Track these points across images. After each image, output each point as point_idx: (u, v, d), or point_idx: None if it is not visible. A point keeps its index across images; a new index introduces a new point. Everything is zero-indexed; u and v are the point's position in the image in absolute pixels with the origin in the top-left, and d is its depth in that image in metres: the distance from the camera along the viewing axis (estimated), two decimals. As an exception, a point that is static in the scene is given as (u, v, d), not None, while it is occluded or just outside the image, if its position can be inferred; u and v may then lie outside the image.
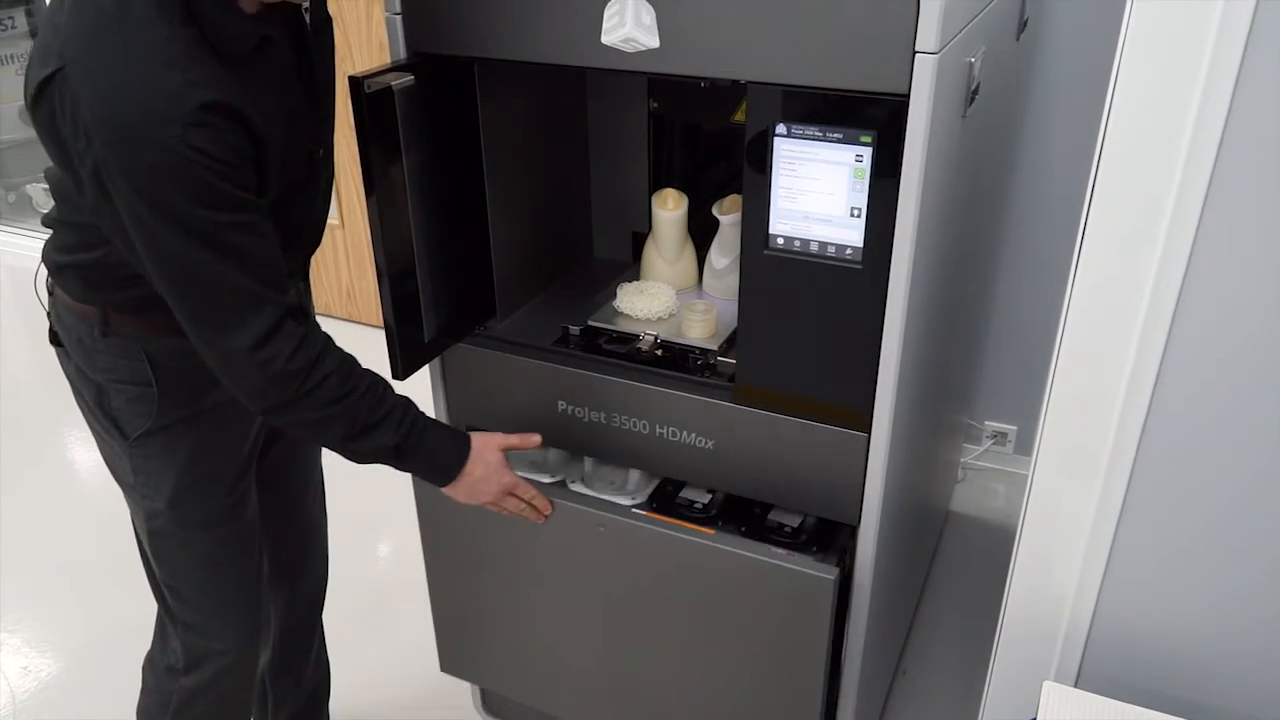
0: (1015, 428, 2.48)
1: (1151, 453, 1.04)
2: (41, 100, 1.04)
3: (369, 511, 2.41)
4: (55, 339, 1.31)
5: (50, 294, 1.30)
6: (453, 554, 1.60)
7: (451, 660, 1.72)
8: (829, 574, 1.27)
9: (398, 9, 1.27)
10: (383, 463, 1.26)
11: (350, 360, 1.20)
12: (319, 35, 1.22)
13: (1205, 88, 0.87)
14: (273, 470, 1.48)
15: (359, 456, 1.24)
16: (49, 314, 1.31)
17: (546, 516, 1.42)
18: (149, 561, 1.40)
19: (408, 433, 1.24)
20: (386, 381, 1.24)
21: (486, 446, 1.34)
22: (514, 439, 1.37)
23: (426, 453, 1.28)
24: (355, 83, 1.17)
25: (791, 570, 1.29)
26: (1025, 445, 2.46)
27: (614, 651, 1.53)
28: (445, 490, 1.33)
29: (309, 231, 1.34)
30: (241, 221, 1.07)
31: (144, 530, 1.35)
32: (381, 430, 1.21)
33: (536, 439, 1.39)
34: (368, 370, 1.22)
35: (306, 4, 1.18)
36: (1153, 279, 0.96)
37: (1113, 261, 0.97)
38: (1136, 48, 0.90)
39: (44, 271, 1.29)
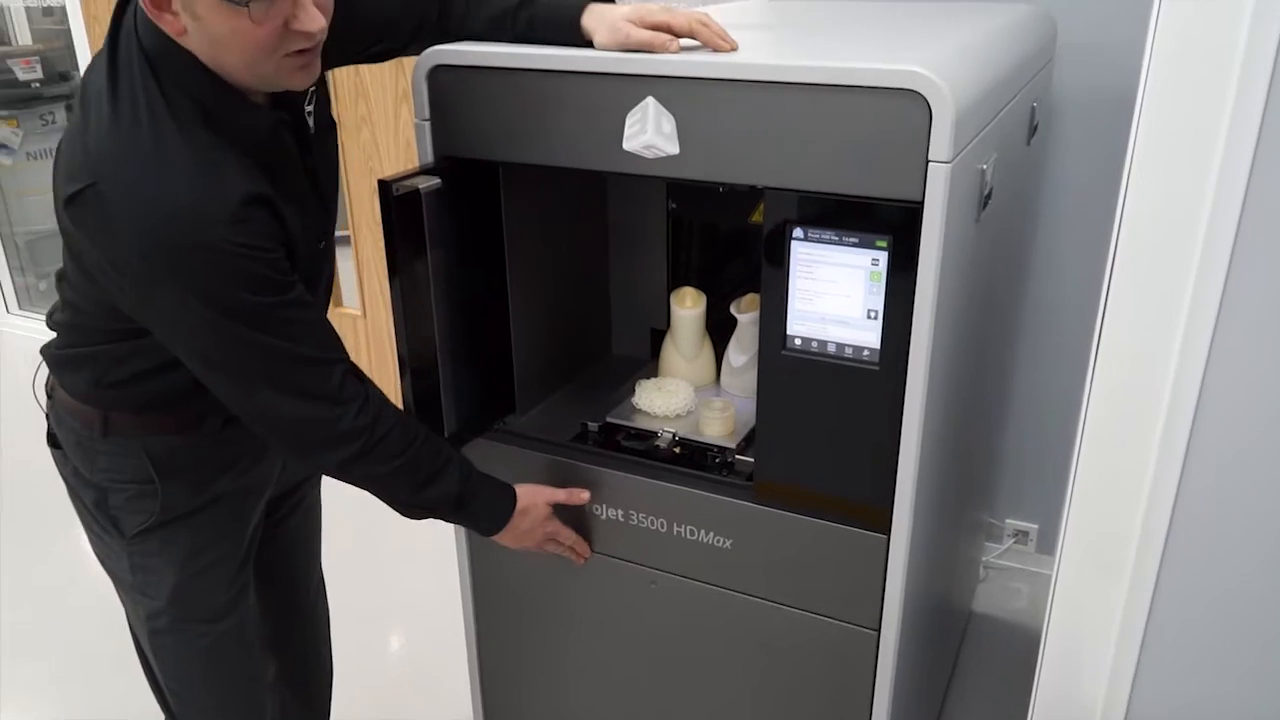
0: (1037, 526, 2.45)
1: (1179, 547, 1.02)
2: (72, 209, 1.06)
3: (377, 604, 2.39)
4: (53, 440, 1.31)
5: (49, 395, 1.30)
6: (499, 610, 1.61)
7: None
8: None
9: (426, 115, 1.31)
10: (442, 515, 1.30)
11: (405, 414, 1.24)
12: (322, 134, 1.25)
13: (1218, 183, 0.88)
14: (272, 566, 1.48)
15: (425, 507, 1.27)
16: (47, 415, 1.31)
17: (585, 559, 1.45)
18: (149, 664, 1.38)
19: (467, 479, 1.28)
20: (438, 434, 1.28)
21: (536, 501, 1.37)
22: (561, 495, 1.40)
23: (483, 502, 1.32)
24: (384, 185, 1.21)
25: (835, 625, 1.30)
26: (1047, 544, 2.42)
27: (660, 707, 1.51)
28: (493, 537, 1.37)
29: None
30: (291, 300, 1.10)
31: (144, 632, 1.34)
32: (445, 478, 1.25)
33: (585, 495, 1.41)
34: (421, 423, 1.26)
35: (310, 106, 1.22)
36: (1173, 372, 0.95)
37: (1132, 356, 0.97)
38: (1149, 147, 0.91)
39: (44, 371, 1.30)
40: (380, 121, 2.97)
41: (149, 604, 1.31)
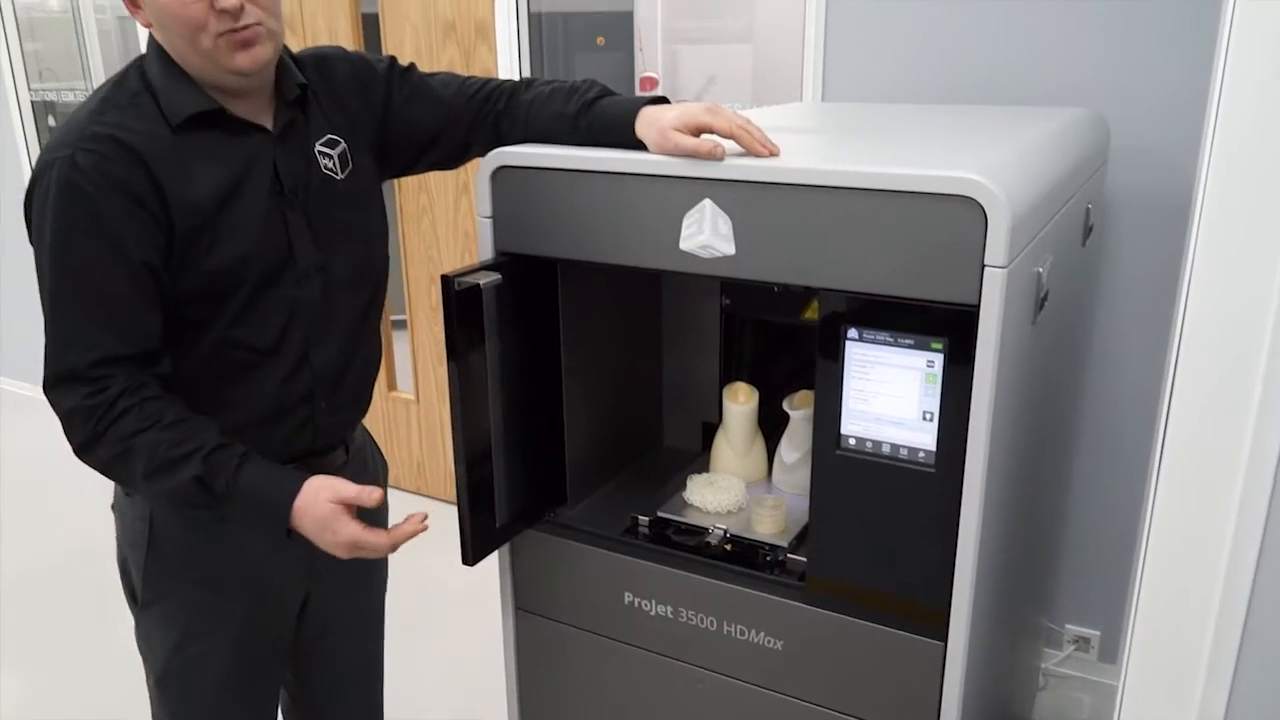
0: (1098, 633, 2.36)
1: (1254, 663, 0.98)
2: None
3: (422, 698, 2.37)
4: (114, 505, 1.37)
5: None
6: (543, 705, 1.57)
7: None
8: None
9: (489, 213, 1.36)
10: (199, 505, 1.18)
11: (162, 402, 1.17)
12: (328, 183, 1.30)
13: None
14: (305, 685, 1.49)
15: (165, 496, 1.19)
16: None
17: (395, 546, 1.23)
18: None
19: (215, 469, 1.15)
20: (207, 422, 1.19)
21: (316, 499, 1.18)
22: (351, 492, 1.18)
23: (246, 496, 1.17)
24: (447, 281, 1.24)
25: None
26: (1110, 652, 2.33)
27: None
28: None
29: (323, 369, 1.32)
30: (96, 251, 1.13)
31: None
32: (184, 468, 1.15)
33: (377, 495, 1.19)
34: (184, 411, 1.18)
35: (330, 150, 1.30)
36: (1244, 471, 0.93)
37: (1198, 454, 0.95)
38: (1209, 245, 0.91)
39: None
40: (440, 213, 3.07)
41: (149, 677, 1.36)
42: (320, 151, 1.29)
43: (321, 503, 1.17)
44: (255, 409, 1.27)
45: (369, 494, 1.18)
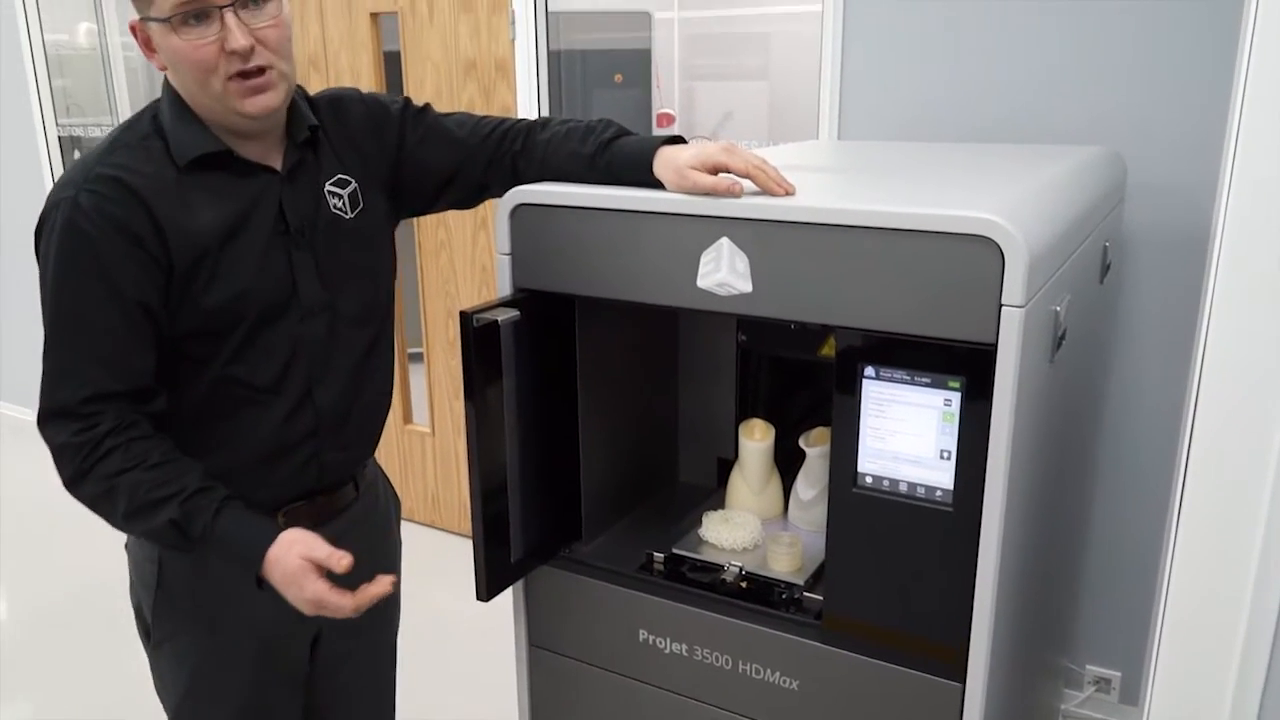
0: (1119, 674, 2.32)
1: (1277, 704, 0.97)
2: None
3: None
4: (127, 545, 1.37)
5: None
6: None
7: None
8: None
9: (508, 250, 1.37)
10: (177, 548, 1.21)
11: (149, 442, 1.18)
12: (335, 222, 1.31)
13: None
14: (329, 710, 1.48)
15: (146, 537, 1.23)
16: None
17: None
18: None
19: (192, 514, 1.16)
20: (191, 464, 1.20)
21: (289, 553, 1.17)
22: (321, 553, 1.17)
23: (220, 543, 1.18)
24: (465, 317, 1.25)
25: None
26: (1131, 694, 2.29)
27: None
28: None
29: (327, 407, 1.32)
30: (92, 294, 1.15)
31: None
32: (163, 508, 1.16)
33: (347, 561, 1.16)
34: (170, 452, 1.19)
35: (340, 190, 1.32)
36: (1266, 511, 0.92)
37: (1221, 489, 0.94)
38: (1228, 282, 0.90)
39: None
40: (459, 247, 3.09)
41: (167, 713, 1.37)
42: (330, 191, 1.31)
43: (292, 558, 1.17)
44: (257, 447, 1.28)
45: (338, 559, 1.16)
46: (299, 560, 1.17)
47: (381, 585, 1.18)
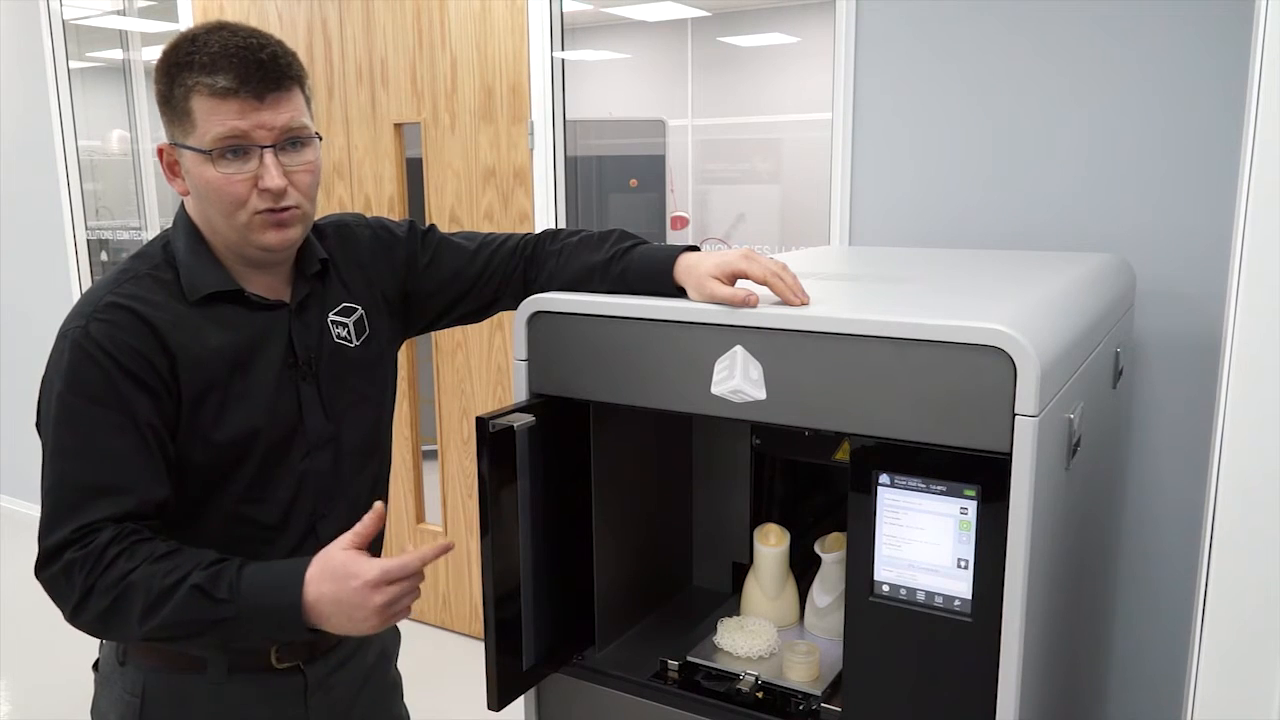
0: (1149, 788, 2.25)
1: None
2: None
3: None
4: (95, 666, 1.33)
5: None
6: None
7: None
8: None
9: (524, 356, 1.39)
10: (204, 624, 1.10)
11: (152, 542, 1.12)
12: (340, 353, 1.31)
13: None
14: None
15: (168, 630, 1.10)
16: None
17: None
18: None
19: (216, 577, 1.09)
20: (203, 549, 1.14)
21: (328, 555, 1.12)
22: (365, 529, 1.13)
23: (252, 592, 1.10)
24: (481, 423, 1.27)
25: None
26: (1163, 810, 2.21)
27: None
28: (324, 628, 1.12)
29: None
30: (105, 420, 1.13)
31: None
32: (184, 582, 1.09)
33: (378, 511, 1.15)
34: (174, 545, 1.13)
35: (345, 320, 1.32)
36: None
37: (1242, 599, 0.93)
38: (1241, 374, 0.91)
39: None
40: (475, 348, 3.13)
41: None
42: (334, 320, 1.31)
43: (334, 553, 1.11)
44: None
45: (373, 512, 1.14)
46: (342, 551, 1.11)
47: (439, 545, 1.18)
